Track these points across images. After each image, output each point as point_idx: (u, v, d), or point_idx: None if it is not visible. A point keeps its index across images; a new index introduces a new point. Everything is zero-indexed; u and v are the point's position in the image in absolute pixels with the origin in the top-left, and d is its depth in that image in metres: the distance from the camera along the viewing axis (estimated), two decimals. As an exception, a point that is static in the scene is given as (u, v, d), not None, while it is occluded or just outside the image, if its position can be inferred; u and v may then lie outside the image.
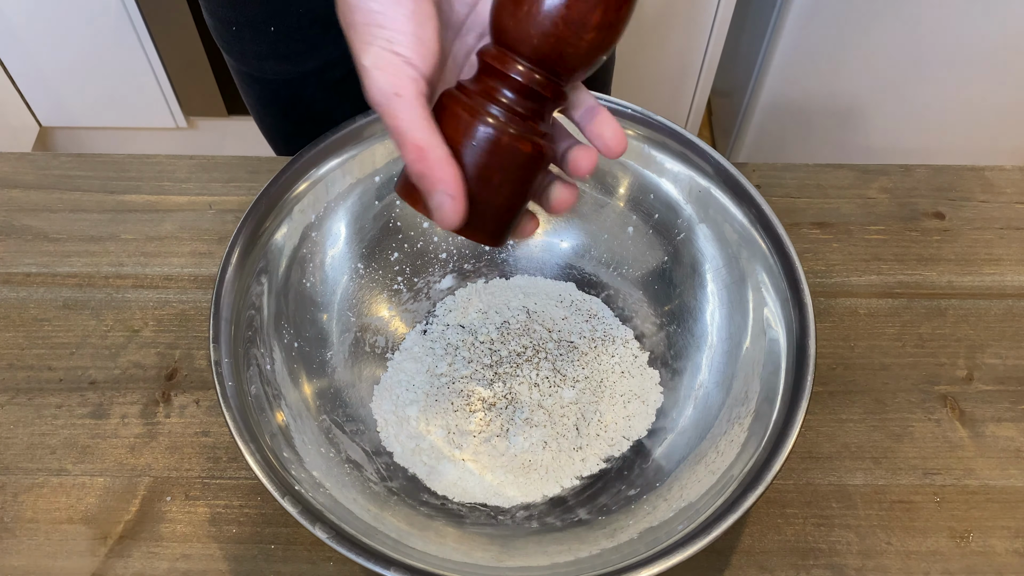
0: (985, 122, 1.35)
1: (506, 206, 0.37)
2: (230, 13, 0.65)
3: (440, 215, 0.34)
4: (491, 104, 0.35)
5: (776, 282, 0.50)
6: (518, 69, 0.34)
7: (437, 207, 0.34)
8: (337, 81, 0.69)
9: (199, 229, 0.64)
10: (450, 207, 0.34)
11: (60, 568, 0.50)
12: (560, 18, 0.33)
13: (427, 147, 0.33)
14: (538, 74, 0.35)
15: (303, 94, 0.70)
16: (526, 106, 0.35)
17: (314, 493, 0.44)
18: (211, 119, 1.49)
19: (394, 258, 0.58)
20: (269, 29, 0.65)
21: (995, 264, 0.63)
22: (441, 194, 0.34)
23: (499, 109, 0.35)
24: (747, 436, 0.47)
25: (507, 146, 0.35)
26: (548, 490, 0.51)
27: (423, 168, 0.33)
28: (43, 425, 0.55)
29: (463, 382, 0.55)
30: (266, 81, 0.71)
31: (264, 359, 0.49)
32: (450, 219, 0.34)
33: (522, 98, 0.35)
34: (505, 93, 0.35)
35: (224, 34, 0.67)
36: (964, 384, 0.57)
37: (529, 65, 0.34)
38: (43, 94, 1.43)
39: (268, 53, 0.67)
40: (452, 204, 0.34)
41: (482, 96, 0.35)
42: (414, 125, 0.33)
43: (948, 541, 0.51)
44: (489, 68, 0.35)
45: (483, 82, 0.35)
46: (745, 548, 0.50)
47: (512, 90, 0.35)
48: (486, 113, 0.35)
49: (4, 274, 0.61)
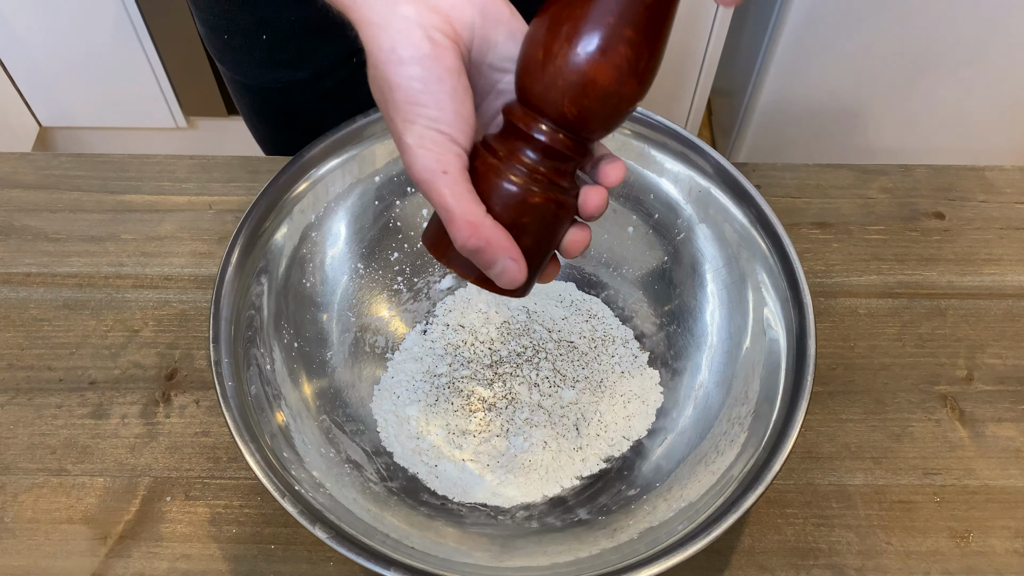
0: (985, 122, 1.35)
1: (539, 261, 0.37)
2: (222, 22, 0.65)
3: (507, 279, 0.35)
4: (517, 164, 0.35)
5: (776, 282, 0.50)
6: (542, 130, 0.35)
7: (501, 272, 0.35)
8: (329, 89, 0.69)
9: (199, 229, 0.64)
10: (514, 270, 0.35)
11: (60, 568, 0.50)
12: (584, 84, 0.33)
13: (479, 222, 0.34)
14: (562, 135, 0.35)
15: (296, 102, 0.70)
16: (550, 165, 0.35)
17: (314, 493, 0.44)
18: (211, 119, 1.49)
19: (394, 258, 0.58)
20: (261, 37, 0.65)
21: (995, 264, 0.63)
22: (504, 260, 0.35)
23: (524, 169, 0.35)
24: (747, 436, 0.47)
25: (533, 206, 0.35)
26: (548, 490, 0.51)
27: (478, 242, 0.34)
28: (43, 425, 0.55)
29: (463, 382, 0.55)
30: (259, 89, 0.71)
31: (264, 359, 0.49)
32: (517, 280, 0.36)
33: (546, 158, 0.35)
34: (529, 154, 0.35)
35: (216, 42, 0.67)
36: (964, 384, 0.57)
37: (553, 127, 0.35)
38: (43, 94, 1.43)
39: (260, 61, 0.67)
40: (515, 266, 0.35)
41: (509, 156, 0.35)
42: (463, 200, 0.34)
43: (948, 541, 0.51)
44: (514, 128, 0.35)
45: (509, 142, 0.36)
46: (745, 548, 0.50)
47: (536, 151, 0.35)
48: (513, 173, 0.35)
49: (4, 274, 0.61)
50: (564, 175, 0.36)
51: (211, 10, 0.65)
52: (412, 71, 0.33)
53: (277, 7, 0.63)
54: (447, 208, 0.34)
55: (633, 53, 0.33)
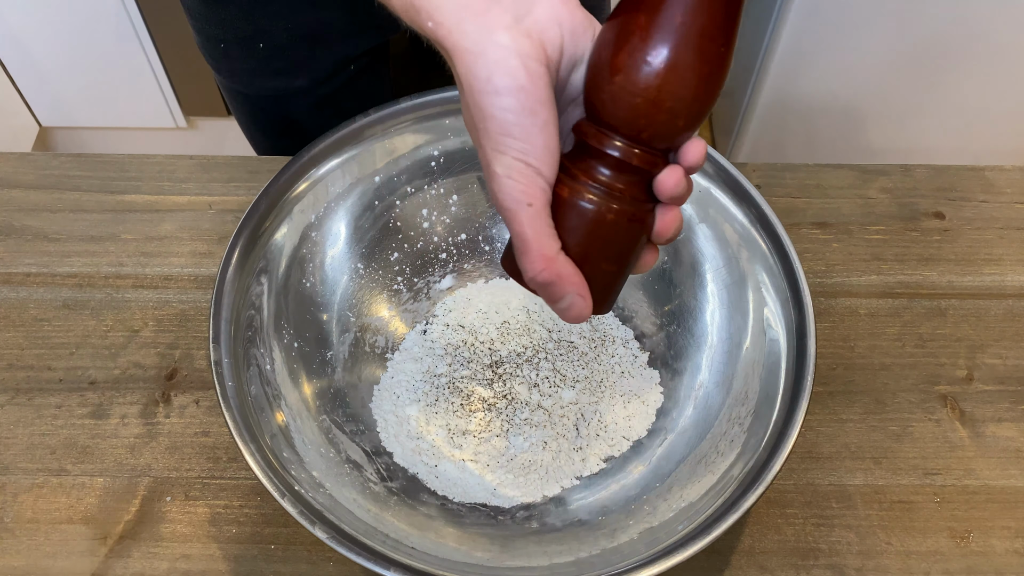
0: (985, 122, 1.35)
1: (614, 277, 0.38)
2: (218, 31, 0.65)
3: (573, 314, 0.36)
4: (592, 183, 0.35)
5: (776, 282, 0.50)
6: (615, 146, 0.34)
7: (568, 307, 0.36)
8: (326, 97, 0.69)
9: (199, 229, 0.64)
10: (581, 306, 0.36)
11: (60, 568, 0.50)
12: (653, 97, 0.33)
13: (553, 257, 0.35)
14: (636, 149, 0.34)
15: (293, 110, 0.70)
16: (626, 180, 0.35)
17: (314, 493, 0.44)
18: (211, 119, 1.50)
19: (394, 258, 0.58)
20: (257, 46, 0.65)
21: (995, 264, 0.63)
22: (571, 296, 0.36)
23: (599, 187, 0.35)
24: (747, 436, 0.47)
25: (612, 223, 0.35)
26: (548, 490, 0.51)
27: (550, 276, 0.35)
28: (43, 425, 0.55)
29: (463, 382, 0.55)
30: (256, 98, 0.71)
31: (264, 359, 0.49)
32: (583, 316, 0.36)
33: (621, 173, 0.35)
34: (603, 171, 0.35)
35: (213, 51, 0.67)
36: (964, 384, 0.57)
37: (626, 141, 0.34)
38: (43, 94, 1.43)
39: (257, 70, 0.67)
40: (583, 303, 0.36)
41: (583, 175, 0.35)
42: (542, 234, 0.35)
43: (948, 541, 0.51)
44: (586, 146, 0.35)
45: (582, 160, 0.35)
46: (745, 548, 0.50)
47: (610, 167, 0.35)
48: (589, 192, 0.35)
49: (4, 274, 0.61)
50: (639, 188, 0.36)
51: (207, 19, 0.65)
52: (507, 103, 0.33)
53: (274, 16, 0.63)
54: (525, 239, 0.35)
55: (702, 60, 0.33)
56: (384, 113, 0.54)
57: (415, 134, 0.56)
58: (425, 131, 0.56)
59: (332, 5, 0.63)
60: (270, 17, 0.63)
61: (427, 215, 0.58)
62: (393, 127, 0.55)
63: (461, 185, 0.58)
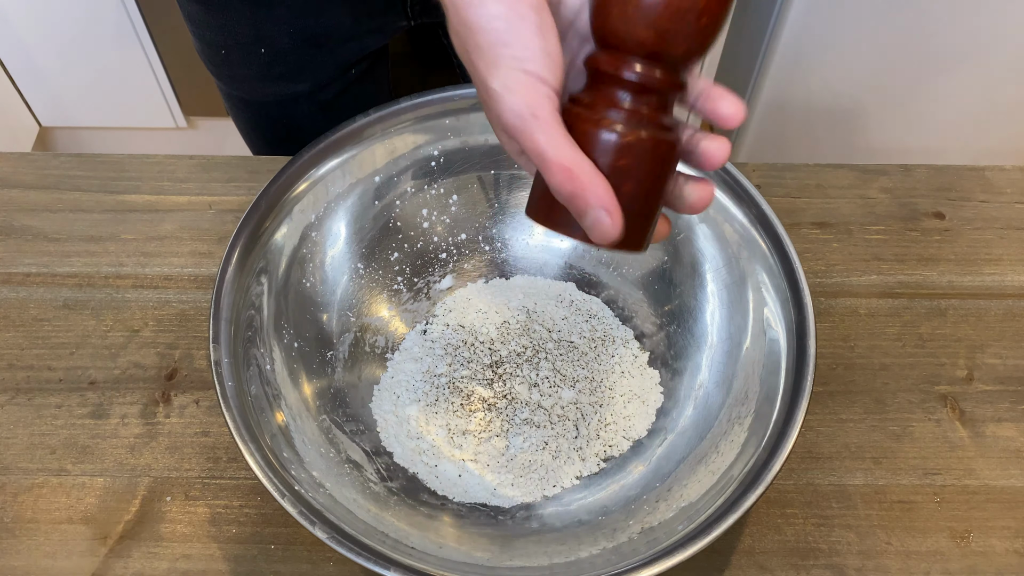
0: (985, 122, 1.34)
1: (648, 209, 0.35)
2: (219, 37, 0.65)
3: (599, 232, 0.33)
4: (614, 110, 0.33)
5: (776, 282, 0.50)
6: (635, 69, 0.33)
7: (594, 225, 0.33)
8: (328, 102, 0.69)
9: (199, 229, 0.64)
10: (608, 223, 0.32)
11: (60, 568, 0.50)
12: (669, 7, 0.32)
13: (575, 166, 0.32)
14: (656, 69, 0.33)
15: (295, 115, 0.70)
16: (650, 103, 0.34)
17: (314, 493, 0.44)
18: (211, 119, 1.50)
19: (394, 258, 0.58)
20: (259, 51, 0.65)
21: (995, 264, 0.63)
22: (597, 210, 0.32)
23: (623, 114, 0.33)
24: (747, 436, 0.47)
25: (641, 150, 0.33)
26: (548, 490, 0.51)
27: (574, 188, 0.32)
28: (43, 425, 0.55)
29: (463, 382, 0.55)
30: (257, 104, 0.70)
31: (264, 359, 0.49)
32: (610, 235, 0.33)
33: (644, 96, 0.34)
34: (625, 96, 0.33)
35: (214, 57, 0.67)
36: (964, 384, 0.57)
37: (644, 62, 0.33)
38: (43, 94, 1.43)
39: (259, 75, 0.67)
40: (610, 220, 0.32)
41: (604, 105, 0.34)
42: (557, 144, 0.32)
43: (948, 541, 0.51)
44: (603, 75, 0.34)
45: (600, 90, 0.34)
46: (745, 548, 0.50)
47: (632, 91, 0.33)
48: (613, 121, 0.33)
49: (4, 274, 0.61)
50: (663, 111, 0.34)
51: (208, 25, 0.65)
52: (494, 10, 0.32)
53: (276, 20, 0.63)
54: (540, 153, 0.32)
55: None
56: (384, 113, 0.54)
57: (415, 134, 0.56)
58: (425, 131, 0.56)
59: (334, 9, 0.63)
60: (272, 22, 0.63)
61: (427, 215, 0.58)
62: (393, 127, 0.55)
63: (461, 185, 0.58)
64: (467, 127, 0.56)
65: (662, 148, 0.34)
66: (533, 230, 0.60)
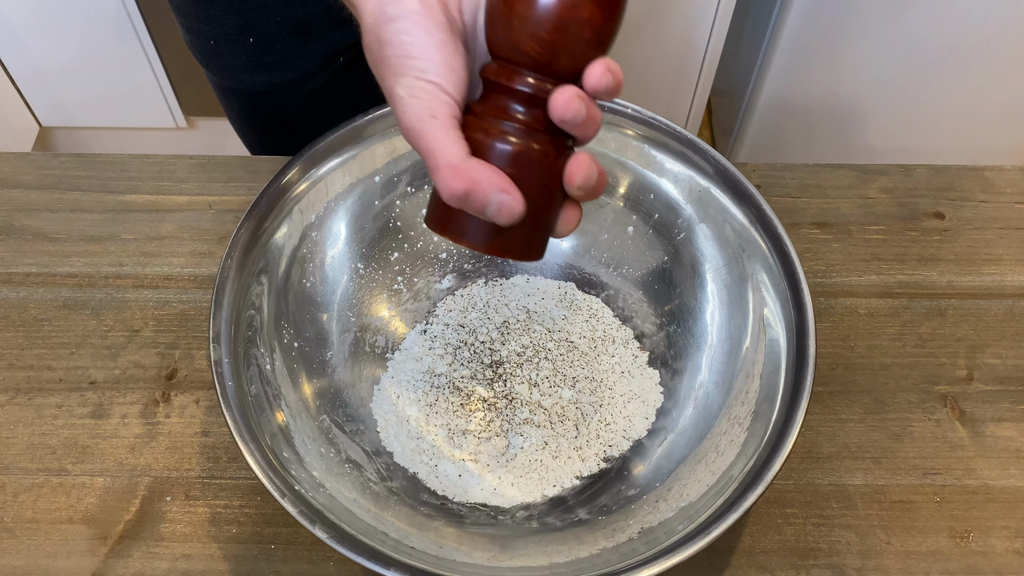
0: (985, 122, 1.35)
1: (539, 219, 0.36)
2: (208, 28, 0.65)
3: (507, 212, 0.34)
4: (504, 121, 0.34)
5: (776, 282, 0.50)
6: (524, 80, 0.34)
7: (499, 209, 0.34)
8: (316, 90, 0.69)
9: (199, 229, 0.64)
10: (511, 203, 0.34)
11: (60, 568, 0.50)
12: (552, 22, 0.33)
13: (462, 163, 0.33)
14: (543, 81, 0.34)
15: (283, 105, 0.70)
16: (537, 115, 0.35)
17: (314, 493, 0.44)
18: (211, 119, 1.50)
19: (394, 258, 0.58)
20: (248, 40, 0.65)
21: (995, 264, 0.63)
22: (495, 195, 0.33)
23: (513, 124, 0.34)
24: (747, 436, 0.47)
25: (532, 160, 0.34)
26: (548, 490, 0.51)
27: (464, 184, 0.33)
28: (43, 425, 0.55)
29: (463, 382, 0.55)
30: (246, 93, 0.71)
31: (264, 359, 0.49)
32: (516, 212, 0.34)
33: (532, 107, 0.35)
34: (515, 107, 0.35)
35: (203, 48, 0.67)
36: (964, 384, 0.57)
37: (532, 74, 0.34)
38: (43, 94, 1.43)
39: (247, 65, 0.67)
40: (511, 198, 0.34)
41: (494, 115, 0.35)
42: (448, 144, 0.33)
43: (948, 541, 0.51)
44: (494, 85, 0.35)
45: (491, 100, 0.35)
46: (745, 548, 0.50)
47: (521, 102, 0.34)
48: (502, 132, 0.34)
49: (4, 274, 0.61)
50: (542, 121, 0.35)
51: (197, 16, 0.65)
52: (400, 25, 0.34)
53: (264, 10, 0.63)
54: (431, 152, 0.33)
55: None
56: (384, 113, 0.54)
57: (415, 134, 0.56)
58: (425, 131, 0.56)
59: None
60: (259, 11, 0.63)
61: (427, 215, 0.58)
62: (393, 127, 0.55)
63: (461, 185, 0.58)
64: (467, 127, 0.56)
65: (553, 157, 0.35)
66: (533, 230, 0.60)
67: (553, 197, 0.36)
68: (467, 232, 0.36)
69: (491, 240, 0.36)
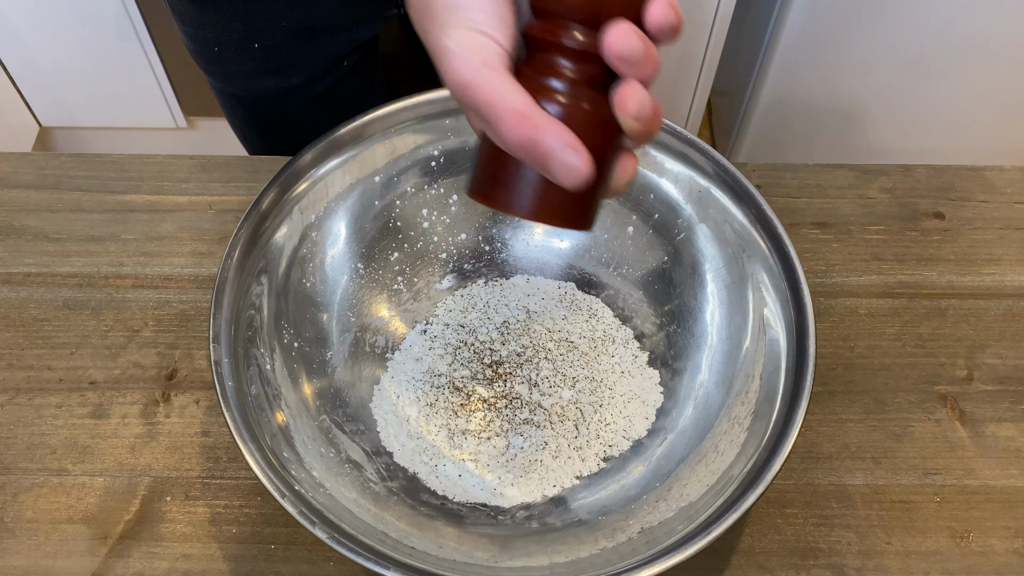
0: (985, 122, 1.35)
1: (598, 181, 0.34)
2: (211, 34, 0.65)
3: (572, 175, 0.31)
4: (554, 79, 0.33)
5: (776, 282, 0.50)
6: (572, 35, 0.32)
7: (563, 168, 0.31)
8: (321, 94, 0.69)
9: (199, 229, 0.64)
10: (576, 161, 0.31)
11: (60, 568, 0.50)
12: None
13: (529, 111, 0.31)
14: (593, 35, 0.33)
15: (289, 110, 0.70)
16: (588, 70, 0.33)
17: (314, 493, 0.44)
18: (211, 119, 1.50)
19: (394, 258, 0.58)
20: (253, 46, 0.65)
21: (995, 264, 0.63)
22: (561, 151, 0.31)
23: (563, 82, 0.33)
24: (747, 436, 0.47)
25: (584, 120, 0.33)
26: (548, 490, 0.51)
27: (532, 132, 0.31)
28: (43, 425, 0.55)
29: (463, 382, 0.55)
30: (251, 99, 0.70)
31: (264, 359, 0.49)
32: (582, 172, 0.31)
33: (582, 63, 0.33)
34: (564, 63, 0.33)
35: (206, 55, 0.67)
36: (964, 384, 0.57)
37: (581, 28, 0.33)
38: (43, 94, 1.43)
39: (252, 71, 0.67)
40: (578, 157, 0.31)
41: (543, 74, 0.33)
42: (509, 92, 0.31)
43: (948, 541, 0.51)
44: (540, 43, 0.33)
45: (539, 59, 0.33)
46: (745, 548, 0.50)
47: (570, 58, 0.33)
48: (553, 91, 0.33)
49: (4, 274, 0.61)
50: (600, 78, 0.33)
51: (200, 24, 0.65)
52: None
53: (268, 14, 0.63)
54: (491, 104, 0.31)
55: None
56: (384, 113, 0.54)
57: (415, 134, 0.56)
58: (425, 131, 0.56)
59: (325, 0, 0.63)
60: (264, 16, 0.63)
61: (427, 215, 0.58)
62: (393, 127, 0.55)
63: (461, 185, 0.58)
64: (468, 127, 0.56)
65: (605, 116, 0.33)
66: (533, 230, 0.60)
67: (607, 158, 0.34)
68: (514, 199, 0.34)
69: (542, 207, 0.34)
